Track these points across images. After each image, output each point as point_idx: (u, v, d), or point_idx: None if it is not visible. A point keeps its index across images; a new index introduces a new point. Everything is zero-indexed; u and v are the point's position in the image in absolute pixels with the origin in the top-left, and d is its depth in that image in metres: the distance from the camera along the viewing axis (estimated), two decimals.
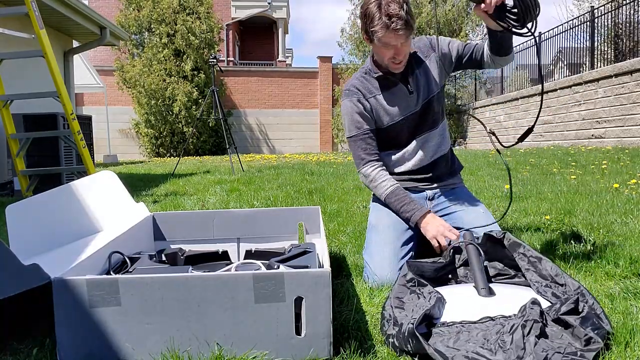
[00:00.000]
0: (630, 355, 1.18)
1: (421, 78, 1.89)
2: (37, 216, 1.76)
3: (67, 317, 1.18)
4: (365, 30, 1.73)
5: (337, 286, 1.73)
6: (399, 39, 1.68)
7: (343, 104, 1.94)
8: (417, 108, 1.91)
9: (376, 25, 1.66)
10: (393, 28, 1.64)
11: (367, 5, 1.69)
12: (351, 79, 1.94)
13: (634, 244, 2.05)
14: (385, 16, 1.63)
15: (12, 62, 4.58)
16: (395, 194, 1.86)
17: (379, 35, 1.67)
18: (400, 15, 1.62)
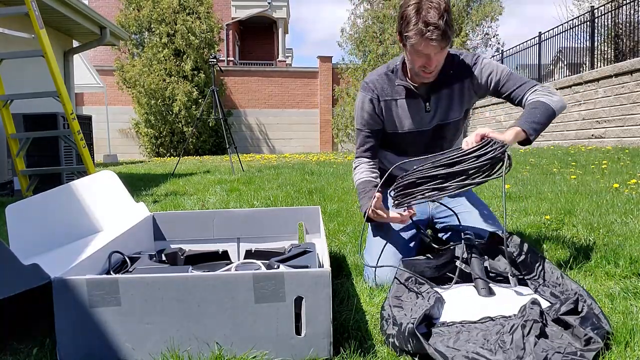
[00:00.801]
0: (630, 355, 1.18)
1: (444, 100, 1.81)
2: (37, 216, 1.76)
3: (67, 317, 1.18)
4: (399, 32, 1.65)
5: (337, 286, 1.73)
6: (433, 49, 1.59)
7: (358, 95, 1.90)
8: (428, 127, 1.85)
9: (411, 30, 1.57)
10: (428, 37, 1.55)
11: (406, 7, 1.59)
12: (374, 72, 1.86)
13: (634, 244, 2.05)
14: (422, 23, 1.54)
15: (12, 62, 4.58)
16: (360, 188, 1.86)
17: (412, 41, 1.59)
18: (438, 25, 1.53)
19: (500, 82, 1.75)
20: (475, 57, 1.79)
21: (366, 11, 14.79)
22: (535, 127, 1.59)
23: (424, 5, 1.55)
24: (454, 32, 1.65)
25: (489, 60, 1.79)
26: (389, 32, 13.77)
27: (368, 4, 15.01)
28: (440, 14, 1.54)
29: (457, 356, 1.15)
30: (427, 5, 1.55)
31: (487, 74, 1.76)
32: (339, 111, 15.75)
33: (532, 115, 1.61)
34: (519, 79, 1.75)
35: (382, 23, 14.17)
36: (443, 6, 1.55)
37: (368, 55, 14.24)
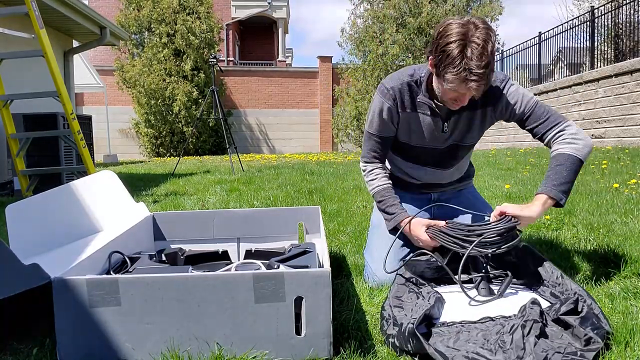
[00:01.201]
0: (630, 355, 1.18)
1: (463, 123, 1.72)
2: (37, 216, 1.76)
3: (67, 317, 1.18)
4: (435, 64, 1.49)
5: (337, 286, 1.73)
6: (470, 92, 1.49)
7: (376, 99, 1.74)
8: (442, 146, 1.79)
9: (451, 72, 1.43)
10: (468, 85, 1.44)
11: (448, 42, 1.42)
12: (395, 78, 1.71)
13: (634, 244, 2.05)
14: (464, 69, 1.40)
15: (12, 62, 4.58)
16: (382, 195, 1.79)
17: (450, 82, 1.46)
18: (481, 74, 1.40)
19: (525, 115, 1.66)
20: (504, 82, 1.67)
21: (366, 11, 14.79)
22: (564, 188, 1.53)
23: (470, 44, 1.39)
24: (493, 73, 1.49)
25: (516, 87, 1.67)
26: (389, 32, 13.77)
27: (368, 4, 15.01)
28: (486, 59, 1.39)
29: (457, 356, 1.15)
30: (472, 46, 1.39)
31: (512, 104, 1.66)
32: (339, 111, 15.74)
33: (558, 175, 1.54)
34: (543, 112, 1.65)
35: (382, 23, 14.17)
36: (490, 48, 1.40)
37: (368, 55, 14.24)
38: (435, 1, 13.82)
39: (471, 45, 1.39)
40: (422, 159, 1.86)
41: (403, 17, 13.92)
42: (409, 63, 13.50)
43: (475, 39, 1.39)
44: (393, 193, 1.79)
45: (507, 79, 1.68)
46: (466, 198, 1.99)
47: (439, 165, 1.86)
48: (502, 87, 1.67)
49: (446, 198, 1.98)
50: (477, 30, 1.40)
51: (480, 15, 13.52)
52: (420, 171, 1.90)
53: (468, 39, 1.40)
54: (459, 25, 1.42)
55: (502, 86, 1.67)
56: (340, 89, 15.66)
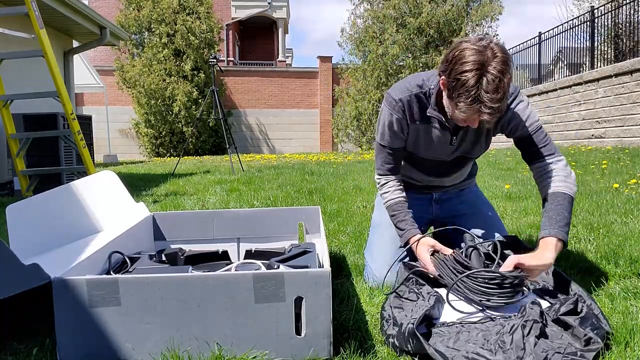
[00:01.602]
0: (630, 355, 1.18)
1: (471, 136, 1.71)
2: (37, 216, 1.76)
3: (67, 317, 1.18)
4: (448, 88, 1.44)
5: (337, 286, 1.73)
6: (481, 123, 1.46)
7: (384, 111, 1.70)
8: (448, 158, 1.79)
9: (464, 102, 1.39)
10: (481, 117, 1.40)
11: (464, 70, 1.36)
12: (404, 88, 1.66)
13: (634, 244, 2.05)
14: (479, 102, 1.36)
15: (12, 62, 4.58)
16: (394, 209, 1.75)
17: (462, 110, 1.42)
18: (495, 108, 1.36)
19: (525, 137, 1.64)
20: (513, 95, 1.62)
21: (366, 11, 14.77)
22: (568, 229, 1.51)
23: (486, 77, 1.34)
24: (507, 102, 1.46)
25: (524, 105, 1.63)
26: (389, 32, 13.77)
27: (368, 4, 14.99)
28: (502, 92, 1.35)
29: (457, 356, 1.15)
30: (489, 78, 1.33)
31: (517, 123, 1.63)
32: (339, 111, 15.73)
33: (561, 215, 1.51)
34: (542, 139, 1.63)
35: (382, 23, 14.16)
36: (506, 80, 1.35)
37: (368, 55, 14.23)
38: (435, 1, 13.80)
39: (487, 77, 1.34)
40: (426, 167, 1.86)
41: (403, 17, 13.90)
42: (408, 63, 13.49)
43: (492, 69, 1.33)
44: (406, 207, 1.75)
45: (517, 92, 1.63)
46: (468, 197, 1.98)
47: (443, 175, 1.87)
48: (510, 102, 1.61)
49: (448, 197, 1.98)
50: (495, 60, 1.34)
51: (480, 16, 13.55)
52: (422, 176, 1.90)
53: (485, 69, 1.34)
54: (475, 52, 1.35)
55: (510, 101, 1.61)
56: (340, 89, 15.65)
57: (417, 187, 1.95)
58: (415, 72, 13.07)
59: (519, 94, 1.64)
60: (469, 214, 1.92)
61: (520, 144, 1.66)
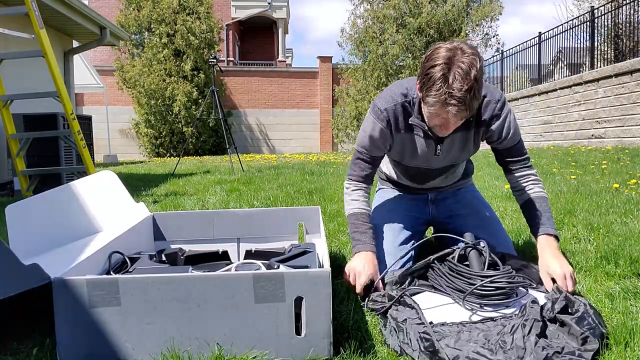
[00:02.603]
0: (630, 355, 1.18)
1: (457, 144, 1.69)
2: (37, 216, 1.76)
3: (67, 317, 1.18)
4: (420, 87, 1.47)
5: (337, 286, 1.73)
6: (452, 118, 1.44)
7: (369, 119, 1.70)
8: (434, 167, 1.80)
9: (432, 95, 1.40)
10: (449, 109, 1.40)
11: (432, 66, 1.40)
12: (389, 98, 1.65)
13: (634, 244, 2.05)
14: (445, 92, 1.37)
15: (12, 62, 4.58)
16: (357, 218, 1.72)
17: (430, 105, 1.44)
18: (462, 98, 1.37)
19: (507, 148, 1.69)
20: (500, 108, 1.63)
21: (366, 11, 14.78)
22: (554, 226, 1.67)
23: (453, 69, 1.37)
24: (478, 101, 1.44)
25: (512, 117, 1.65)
26: (389, 32, 13.77)
27: (368, 4, 15.00)
28: (468, 84, 1.36)
29: (459, 356, 1.15)
30: (455, 71, 1.36)
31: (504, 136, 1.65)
32: (339, 111, 15.74)
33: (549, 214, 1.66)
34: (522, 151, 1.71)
35: (382, 23, 14.16)
36: (473, 74, 1.37)
37: (368, 55, 14.23)
38: (435, 1, 13.80)
39: (454, 69, 1.37)
40: (411, 175, 1.87)
41: (403, 18, 13.91)
42: (408, 63, 13.49)
43: (460, 63, 1.37)
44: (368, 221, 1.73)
45: (503, 99, 1.64)
46: (465, 197, 1.97)
47: (430, 180, 1.87)
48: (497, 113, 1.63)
49: (444, 197, 1.96)
50: (464, 56, 1.38)
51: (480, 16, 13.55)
52: (410, 183, 1.91)
53: (453, 63, 1.37)
54: (446, 50, 1.40)
55: (498, 113, 1.63)
56: (340, 89, 15.66)
57: (411, 189, 1.95)
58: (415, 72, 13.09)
59: (506, 101, 1.65)
60: (466, 214, 1.90)
61: (503, 154, 1.72)
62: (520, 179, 1.72)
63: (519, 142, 1.70)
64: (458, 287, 1.43)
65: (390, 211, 1.92)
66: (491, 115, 1.62)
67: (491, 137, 1.67)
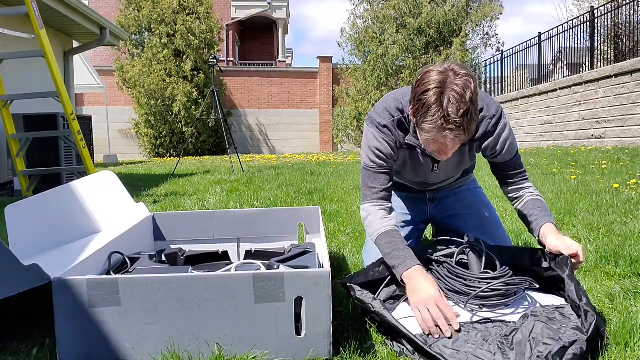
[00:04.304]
0: (630, 356, 1.18)
1: (453, 160, 1.64)
2: (37, 216, 1.76)
3: (67, 317, 1.18)
4: (414, 112, 1.41)
5: (337, 286, 1.73)
6: (450, 143, 1.38)
7: (370, 134, 1.61)
8: (432, 181, 1.78)
9: (427, 121, 1.35)
10: (444, 134, 1.34)
11: (426, 90, 1.34)
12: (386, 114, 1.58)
13: (634, 244, 2.05)
14: (440, 117, 1.32)
15: (12, 62, 4.58)
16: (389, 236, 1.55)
17: (427, 132, 1.38)
18: (459, 123, 1.31)
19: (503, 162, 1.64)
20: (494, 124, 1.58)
21: (366, 11, 14.77)
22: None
23: (447, 93, 1.31)
24: (475, 122, 1.39)
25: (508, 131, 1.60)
26: (389, 32, 13.77)
27: (368, 5, 14.99)
28: (464, 107, 1.31)
29: (457, 358, 1.15)
30: (449, 95, 1.31)
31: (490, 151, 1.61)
32: (339, 112, 15.73)
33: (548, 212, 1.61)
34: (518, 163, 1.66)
35: (382, 23, 14.16)
36: (468, 96, 1.31)
37: (368, 55, 14.23)
38: (435, 1, 13.80)
39: (448, 93, 1.31)
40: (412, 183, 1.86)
41: (403, 18, 13.90)
42: (408, 63, 13.49)
43: (454, 86, 1.31)
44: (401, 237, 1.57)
45: (499, 113, 1.60)
46: (465, 196, 1.93)
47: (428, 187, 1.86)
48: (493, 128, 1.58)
49: (443, 196, 1.94)
50: (457, 78, 1.32)
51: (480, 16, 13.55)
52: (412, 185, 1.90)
53: (446, 87, 1.32)
54: (437, 73, 1.34)
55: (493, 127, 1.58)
56: (340, 89, 15.65)
57: (409, 188, 1.93)
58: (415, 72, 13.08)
59: (502, 116, 1.60)
60: (464, 215, 1.88)
61: (499, 167, 1.66)
62: (517, 189, 1.67)
63: (515, 156, 1.64)
64: (457, 289, 1.43)
65: None
66: (485, 132, 1.57)
67: (485, 152, 1.64)
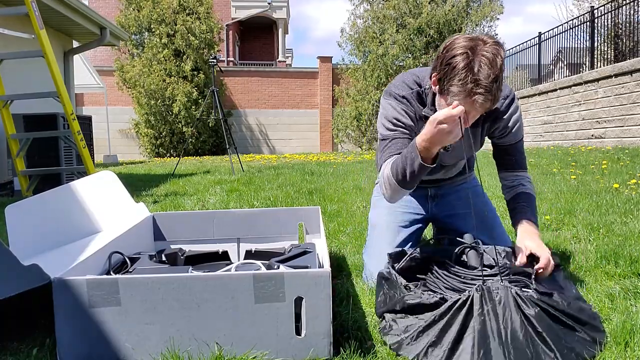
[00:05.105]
0: (630, 356, 1.18)
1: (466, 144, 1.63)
2: (37, 216, 1.76)
3: (67, 317, 1.18)
4: (439, 79, 1.39)
5: (337, 286, 1.73)
6: (475, 111, 1.37)
7: (389, 105, 1.60)
8: (445, 162, 1.75)
9: (455, 84, 1.33)
10: (473, 98, 1.33)
11: (455, 54, 1.33)
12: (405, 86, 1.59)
13: (634, 244, 2.05)
14: (471, 81, 1.31)
15: (12, 62, 4.58)
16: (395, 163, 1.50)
17: (454, 95, 1.35)
18: (488, 87, 1.31)
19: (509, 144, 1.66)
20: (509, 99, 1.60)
21: (366, 12, 14.77)
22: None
23: (478, 57, 1.31)
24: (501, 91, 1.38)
25: (519, 113, 1.62)
26: (389, 32, 13.77)
27: (368, 5, 14.99)
28: (494, 73, 1.31)
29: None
30: (480, 59, 1.31)
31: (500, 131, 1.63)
32: (339, 112, 15.73)
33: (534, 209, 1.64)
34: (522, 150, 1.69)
35: (382, 23, 14.16)
36: (498, 63, 1.31)
37: (368, 55, 14.23)
38: (435, 2, 13.80)
39: (479, 58, 1.31)
40: None
41: (403, 18, 13.90)
42: (408, 63, 13.48)
43: (484, 52, 1.32)
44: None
45: (512, 95, 1.62)
46: (465, 195, 1.93)
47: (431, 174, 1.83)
48: (509, 104, 1.60)
49: (444, 193, 1.93)
50: (486, 45, 1.33)
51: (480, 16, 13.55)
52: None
53: (476, 52, 1.32)
54: (466, 40, 1.35)
55: (508, 102, 1.60)
56: (340, 89, 15.65)
57: None
58: None
59: (515, 97, 1.64)
60: (464, 214, 1.88)
61: (502, 150, 1.68)
62: (513, 178, 1.69)
63: (520, 140, 1.67)
64: (455, 287, 1.43)
65: (389, 208, 1.89)
66: (499, 111, 1.59)
67: (494, 133, 1.65)
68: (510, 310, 1.18)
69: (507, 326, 1.16)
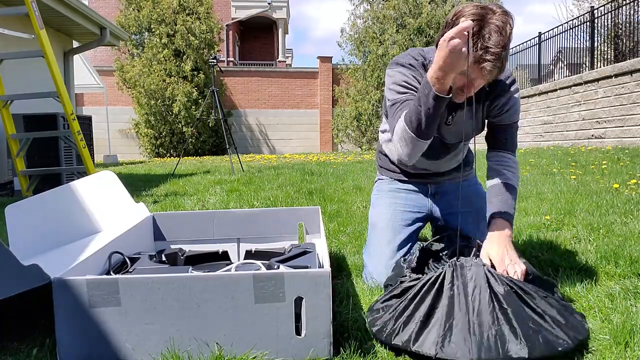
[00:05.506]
0: (630, 355, 1.18)
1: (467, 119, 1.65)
2: (37, 216, 1.76)
3: (67, 317, 1.18)
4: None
5: (337, 286, 1.73)
6: (482, 78, 1.39)
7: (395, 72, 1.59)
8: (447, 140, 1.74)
9: None
10: (482, 65, 1.34)
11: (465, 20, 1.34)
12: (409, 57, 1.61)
13: (634, 244, 2.05)
14: (481, 48, 1.32)
15: (12, 62, 4.58)
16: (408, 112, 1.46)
17: None
18: (497, 54, 1.32)
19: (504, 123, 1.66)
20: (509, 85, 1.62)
21: (366, 12, 14.78)
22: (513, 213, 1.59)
23: (488, 24, 1.32)
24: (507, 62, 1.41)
25: (518, 95, 1.64)
26: (389, 32, 13.78)
27: (368, 5, 15.00)
28: (504, 39, 1.32)
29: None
30: (491, 26, 1.32)
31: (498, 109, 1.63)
32: (339, 112, 15.74)
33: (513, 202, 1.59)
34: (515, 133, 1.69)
35: (382, 24, 14.17)
36: (508, 31, 1.33)
37: (368, 55, 14.24)
38: (435, 2, 13.81)
39: (489, 25, 1.32)
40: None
41: (403, 18, 13.92)
42: None
43: (493, 20, 1.33)
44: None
45: (513, 79, 1.64)
46: (466, 193, 1.92)
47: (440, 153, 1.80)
48: (508, 88, 1.61)
49: (444, 190, 1.93)
50: (495, 14, 1.34)
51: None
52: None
53: (485, 20, 1.33)
54: (476, 7, 1.35)
55: (507, 87, 1.62)
56: (340, 89, 15.66)
57: (412, 175, 1.91)
58: None
59: (515, 80, 1.65)
60: (464, 212, 1.86)
61: (497, 130, 1.67)
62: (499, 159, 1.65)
63: (515, 124, 1.66)
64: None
65: (389, 207, 1.89)
66: (499, 90, 1.61)
67: (492, 111, 1.65)
68: (480, 287, 1.20)
69: (475, 301, 1.19)
